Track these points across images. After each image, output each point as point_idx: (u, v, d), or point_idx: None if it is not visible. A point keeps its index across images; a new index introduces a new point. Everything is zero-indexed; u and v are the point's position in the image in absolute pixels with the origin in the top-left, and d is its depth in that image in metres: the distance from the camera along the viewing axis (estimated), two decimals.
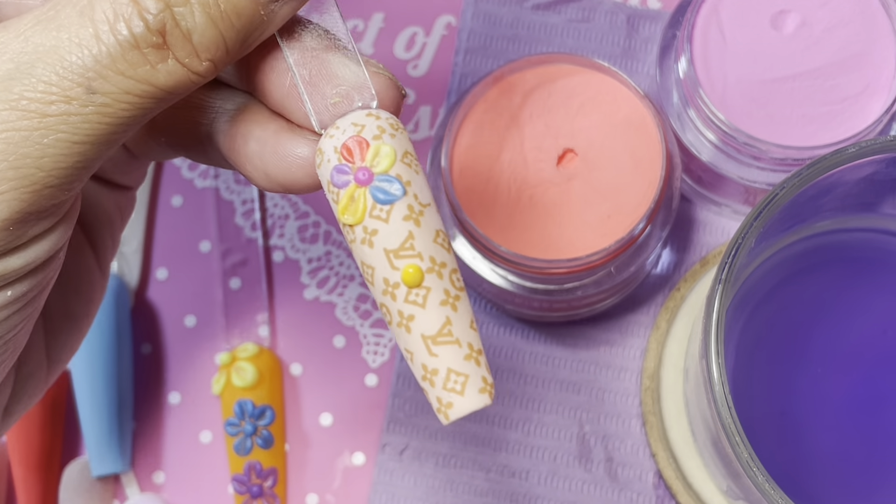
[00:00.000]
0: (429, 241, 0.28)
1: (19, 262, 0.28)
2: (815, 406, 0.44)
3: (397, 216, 0.28)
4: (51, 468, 0.51)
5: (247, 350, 0.51)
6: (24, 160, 0.27)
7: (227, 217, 0.53)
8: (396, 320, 0.28)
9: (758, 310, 0.45)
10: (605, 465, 0.51)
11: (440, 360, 0.28)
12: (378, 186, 0.28)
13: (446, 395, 0.28)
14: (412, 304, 0.28)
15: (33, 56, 0.27)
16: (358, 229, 0.28)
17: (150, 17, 0.26)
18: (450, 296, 0.28)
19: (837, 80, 0.46)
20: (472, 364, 0.28)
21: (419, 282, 0.28)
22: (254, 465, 0.50)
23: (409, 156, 0.29)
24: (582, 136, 0.44)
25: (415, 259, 0.28)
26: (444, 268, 0.28)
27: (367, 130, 0.28)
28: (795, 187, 0.39)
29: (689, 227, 0.52)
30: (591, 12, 0.54)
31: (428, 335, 0.28)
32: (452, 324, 0.28)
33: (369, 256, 0.28)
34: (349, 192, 0.28)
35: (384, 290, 0.28)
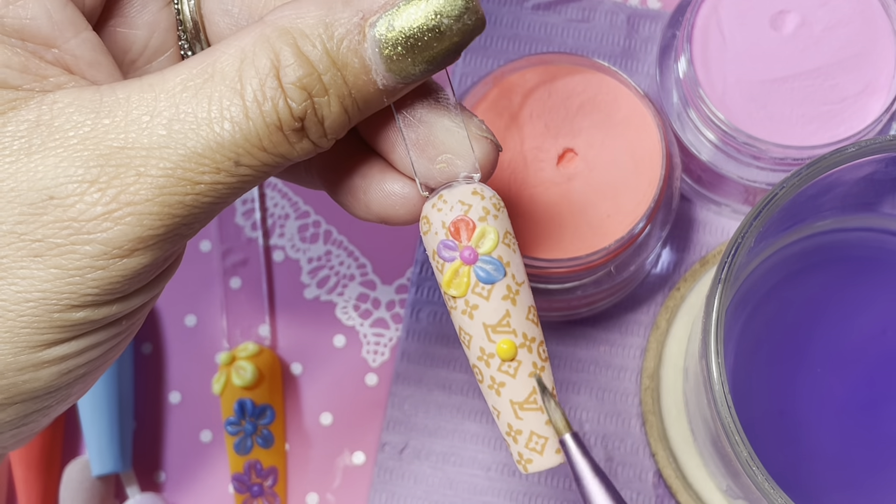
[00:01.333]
0: (522, 318, 0.32)
1: (140, 301, 0.31)
2: (814, 405, 0.44)
3: (497, 295, 0.31)
4: (51, 467, 0.51)
5: (247, 349, 0.51)
6: (174, 220, 0.29)
7: (228, 217, 0.53)
8: (488, 383, 0.32)
9: (757, 309, 0.45)
10: (604, 464, 0.51)
11: (525, 423, 0.32)
12: (482, 267, 0.31)
13: (527, 453, 0.32)
14: (504, 374, 0.32)
15: (186, 126, 0.29)
16: (460, 301, 0.32)
17: (294, 105, 0.29)
18: (537, 367, 0.32)
19: (837, 80, 0.46)
20: (551, 429, 0.32)
21: (513, 356, 0.32)
22: (254, 465, 0.50)
23: (509, 236, 0.32)
24: (582, 136, 0.44)
25: (510, 335, 0.31)
26: (533, 342, 0.32)
27: (474, 211, 0.31)
28: (795, 187, 0.39)
29: (688, 227, 0.52)
30: (591, 12, 0.54)
31: (516, 401, 0.32)
32: (538, 393, 0.32)
33: (468, 326, 0.32)
34: (454, 268, 0.31)
35: (479, 357, 0.32)
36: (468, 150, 0.32)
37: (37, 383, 0.30)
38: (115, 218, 0.28)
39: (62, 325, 0.29)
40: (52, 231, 0.28)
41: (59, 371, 0.30)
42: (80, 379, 0.31)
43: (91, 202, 0.28)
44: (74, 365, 0.30)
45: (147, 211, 0.29)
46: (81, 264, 0.29)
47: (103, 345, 0.31)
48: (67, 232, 0.28)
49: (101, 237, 0.28)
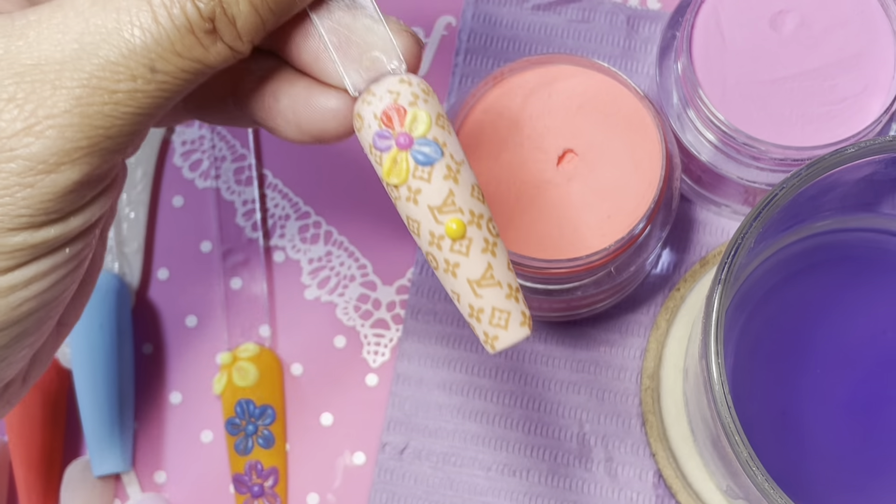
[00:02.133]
0: (467, 195, 0.32)
1: (78, 223, 0.31)
2: (814, 405, 0.45)
3: (438, 176, 0.31)
4: (52, 468, 0.51)
5: (248, 350, 0.51)
6: (97, 131, 0.29)
7: (228, 217, 0.54)
8: (443, 267, 0.32)
9: (757, 310, 0.45)
10: (604, 464, 0.51)
11: (485, 300, 0.32)
12: (418, 150, 0.31)
13: (492, 330, 0.32)
14: (457, 254, 0.31)
15: (97, 37, 0.29)
16: (402, 189, 0.31)
17: (201, 5, 0.29)
18: (489, 243, 0.32)
19: (836, 81, 0.46)
20: (513, 301, 0.32)
21: (462, 234, 0.31)
22: (255, 465, 0.50)
23: (442, 118, 0.32)
24: (582, 137, 0.44)
25: (456, 214, 0.31)
26: (481, 219, 0.32)
27: (403, 97, 0.31)
28: (795, 187, 0.39)
29: (688, 228, 0.52)
30: (591, 13, 0.54)
31: (473, 279, 0.32)
32: (493, 268, 0.32)
33: (414, 212, 0.32)
34: (392, 156, 0.31)
35: (430, 242, 0.32)
36: (391, 45, 0.32)
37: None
38: (35, 132, 0.29)
39: (1, 251, 0.30)
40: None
41: (8, 304, 0.30)
42: (33, 314, 0.31)
43: (10, 118, 0.29)
44: (22, 297, 0.31)
45: (67, 123, 0.29)
46: (8, 183, 0.29)
47: (50, 274, 0.31)
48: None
49: (25, 152, 0.29)
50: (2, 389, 0.33)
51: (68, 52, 0.29)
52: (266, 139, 0.55)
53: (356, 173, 0.54)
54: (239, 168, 0.54)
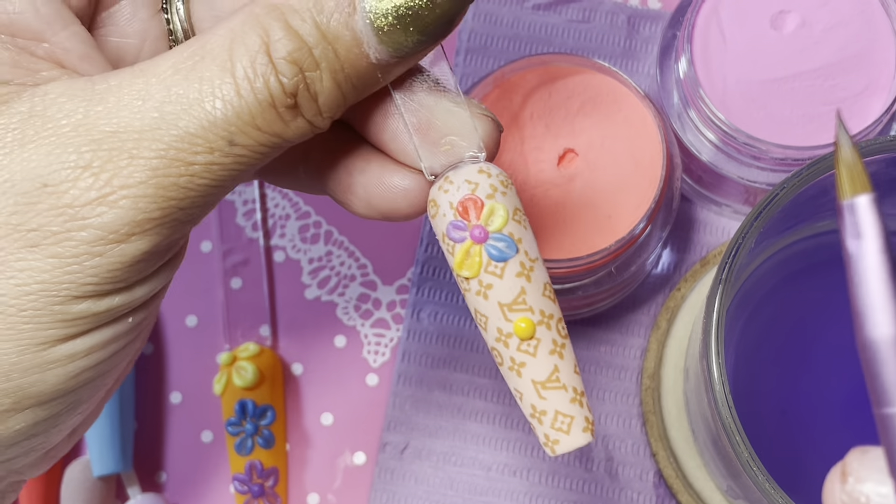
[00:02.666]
0: (538, 295, 0.31)
1: (144, 292, 0.30)
2: (815, 405, 0.45)
3: (510, 273, 0.31)
4: (52, 468, 0.51)
5: (248, 350, 0.51)
6: (170, 202, 0.29)
7: (229, 217, 0.53)
8: (508, 364, 0.31)
9: (758, 309, 0.45)
10: (605, 464, 0.51)
11: (549, 403, 0.31)
12: (493, 245, 0.31)
13: (553, 434, 0.31)
14: (524, 353, 0.31)
15: (177, 107, 0.28)
16: (473, 282, 0.31)
17: (285, 80, 0.28)
18: (557, 345, 0.31)
19: (837, 80, 0.46)
20: (577, 406, 0.31)
21: (531, 335, 0.31)
22: (255, 465, 0.50)
23: (519, 212, 0.31)
24: (582, 137, 0.44)
25: (527, 313, 0.31)
26: (551, 319, 0.31)
27: (481, 189, 0.31)
28: (795, 187, 0.39)
29: (689, 227, 0.52)
30: (592, 13, 0.54)
31: (538, 380, 0.31)
32: (560, 371, 0.31)
33: (483, 307, 0.31)
34: (465, 248, 0.31)
35: (497, 338, 0.31)
36: (472, 130, 0.31)
37: (43, 385, 0.29)
38: (109, 202, 0.28)
39: (65, 318, 0.29)
40: (47, 219, 0.28)
41: (67, 373, 0.29)
42: (90, 383, 0.31)
43: (85, 187, 0.28)
44: (82, 367, 0.30)
45: (142, 194, 0.28)
46: (78, 251, 0.28)
47: (111, 344, 0.30)
48: (63, 219, 0.28)
49: (97, 222, 0.28)
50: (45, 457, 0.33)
51: (148, 120, 0.28)
52: None
53: None
54: None
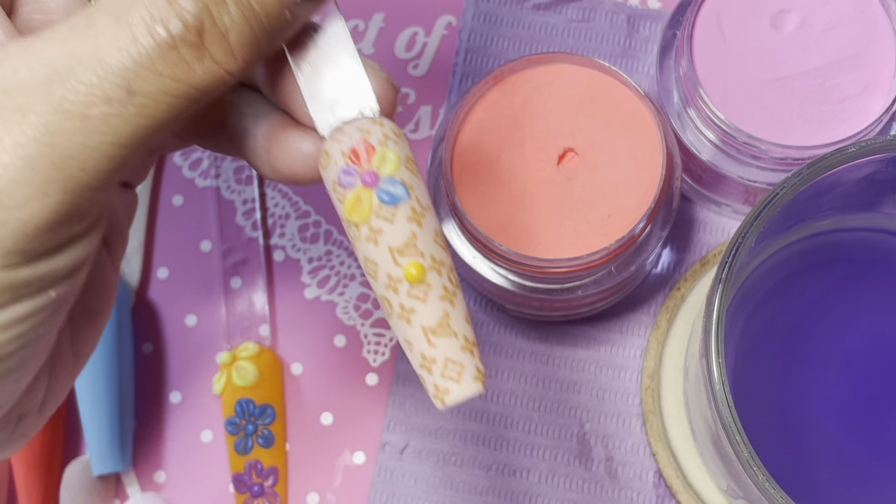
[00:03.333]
0: (430, 240, 0.30)
1: (61, 263, 0.29)
2: (815, 405, 0.45)
3: (402, 217, 0.30)
4: (52, 467, 0.51)
5: (247, 349, 0.51)
6: (69, 162, 0.27)
7: (228, 216, 0.54)
8: (398, 312, 0.30)
9: (758, 309, 0.45)
10: (605, 464, 0.51)
11: (438, 351, 0.30)
12: (384, 189, 0.30)
13: (443, 382, 0.30)
14: (414, 299, 0.30)
15: (71, 60, 0.27)
16: (363, 228, 0.30)
17: (188, 16, 0.27)
18: (448, 292, 0.30)
19: (837, 80, 0.46)
20: (468, 355, 0.30)
21: (422, 279, 0.30)
22: (254, 465, 0.50)
23: (411, 161, 0.31)
24: (582, 136, 0.44)
25: (417, 258, 0.30)
26: (442, 266, 0.31)
27: (373, 136, 0.30)
28: (795, 187, 0.39)
29: (689, 227, 0.53)
30: (592, 12, 0.54)
31: (427, 327, 0.30)
32: (450, 318, 0.30)
33: (373, 253, 0.30)
34: (355, 194, 0.30)
35: (387, 286, 0.30)
36: (366, 88, 0.31)
37: None
38: (2, 164, 0.27)
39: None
40: None
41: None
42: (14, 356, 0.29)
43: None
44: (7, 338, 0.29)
45: (36, 153, 0.27)
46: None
47: (36, 315, 0.29)
48: None
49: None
50: (15, 422, 0.32)
51: (40, 75, 0.27)
52: None
53: None
54: (239, 167, 0.54)
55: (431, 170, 0.46)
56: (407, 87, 0.54)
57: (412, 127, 0.54)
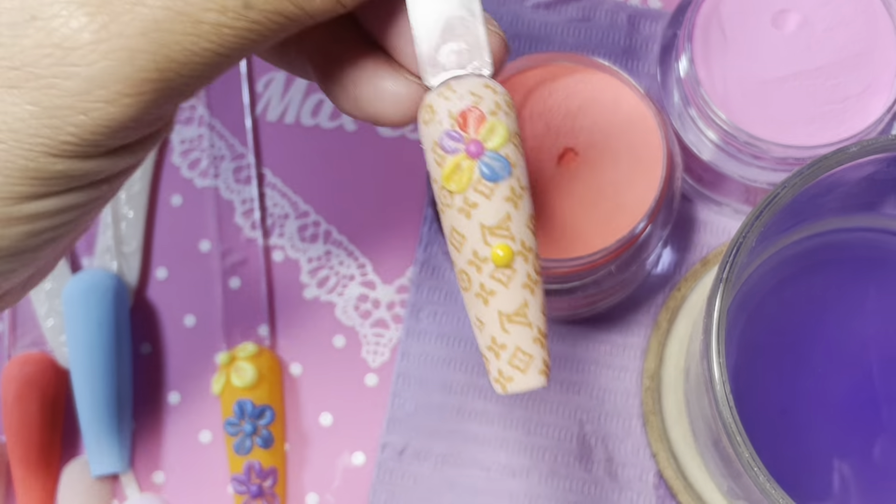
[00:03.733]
0: (523, 224, 0.29)
1: (124, 163, 0.28)
2: (816, 405, 0.44)
3: (500, 195, 0.29)
4: (50, 468, 0.51)
5: (246, 350, 0.51)
6: (171, 64, 0.26)
7: (227, 216, 0.53)
8: (476, 291, 0.30)
9: (759, 309, 0.45)
10: (605, 464, 0.51)
11: (510, 338, 0.29)
12: (487, 163, 0.29)
13: (508, 370, 0.29)
14: (496, 282, 0.29)
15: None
16: (458, 198, 0.29)
17: None
18: (531, 280, 0.30)
19: (839, 80, 0.46)
20: (538, 347, 0.30)
21: (508, 263, 0.29)
22: (253, 465, 0.50)
23: (518, 138, 0.30)
24: (582, 136, 0.44)
25: (508, 240, 0.29)
26: (530, 252, 0.30)
27: (485, 103, 0.29)
28: (796, 187, 0.39)
29: (689, 227, 0.52)
30: (592, 11, 0.54)
31: (504, 312, 0.29)
32: (528, 307, 0.30)
33: (463, 226, 0.29)
34: (456, 161, 0.29)
35: (470, 261, 0.29)
36: (483, 43, 0.29)
37: (3, 241, 0.27)
38: (103, 50, 0.25)
39: (37, 176, 0.27)
40: (32, 58, 0.25)
41: (29, 231, 0.28)
42: (49, 244, 0.28)
43: (77, 27, 0.25)
44: (46, 226, 0.28)
45: (140, 48, 0.25)
46: (61, 103, 0.26)
47: (79, 209, 0.28)
48: (49, 61, 0.26)
49: (86, 72, 0.25)
50: None
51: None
52: (265, 138, 0.54)
53: (356, 172, 0.54)
54: (238, 167, 0.54)
55: None
56: None
57: (411, 127, 0.54)
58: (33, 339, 0.52)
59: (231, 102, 0.54)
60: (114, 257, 0.53)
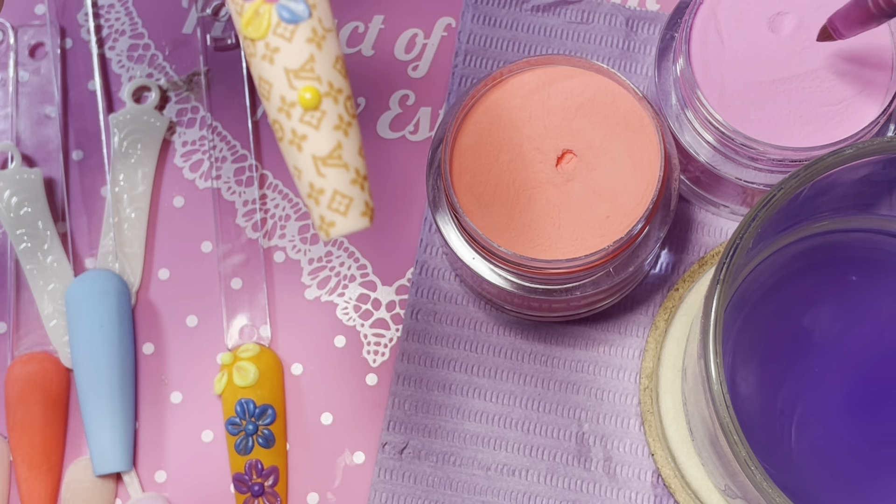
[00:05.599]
0: (329, 65, 0.29)
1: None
2: (812, 405, 0.45)
3: (301, 37, 0.29)
4: (53, 467, 0.51)
5: (248, 350, 0.51)
6: None
7: (229, 218, 0.54)
8: (289, 138, 0.30)
9: (755, 310, 0.45)
10: (603, 463, 0.51)
11: (327, 181, 0.29)
12: (284, 5, 0.29)
13: (329, 214, 0.29)
14: (306, 125, 0.29)
15: None
16: (260, 44, 0.29)
17: None
18: (343, 121, 0.30)
19: (834, 82, 0.46)
20: (357, 188, 0.30)
21: (316, 105, 0.29)
22: (255, 464, 0.50)
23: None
24: (580, 138, 0.45)
25: (314, 82, 0.29)
26: (340, 94, 0.29)
27: None
28: (793, 188, 0.39)
29: (687, 228, 0.53)
30: (590, 14, 0.54)
31: (318, 156, 0.29)
32: (343, 148, 0.29)
33: (268, 73, 0.29)
34: (254, 7, 0.29)
35: (279, 108, 0.29)
36: None
37: None
38: None
39: None
40: None
41: None
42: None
43: None
44: None
45: None
46: None
47: None
48: None
49: None
50: None
51: None
52: (267, 140, 0.55)
53: None
54: (239, 168, 0.54)
55: (430, 171, 0.46)
56: (407, 89, 0.54)
57: (412, 128, 0.54)
58: (36, 340, 0.52)
59: (232, 105, 0.55)
60: (116, 258, 0.53)
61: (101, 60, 0.55)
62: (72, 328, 0.51)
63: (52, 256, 0.53)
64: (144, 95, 0.55)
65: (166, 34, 0.56)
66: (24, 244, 0.52)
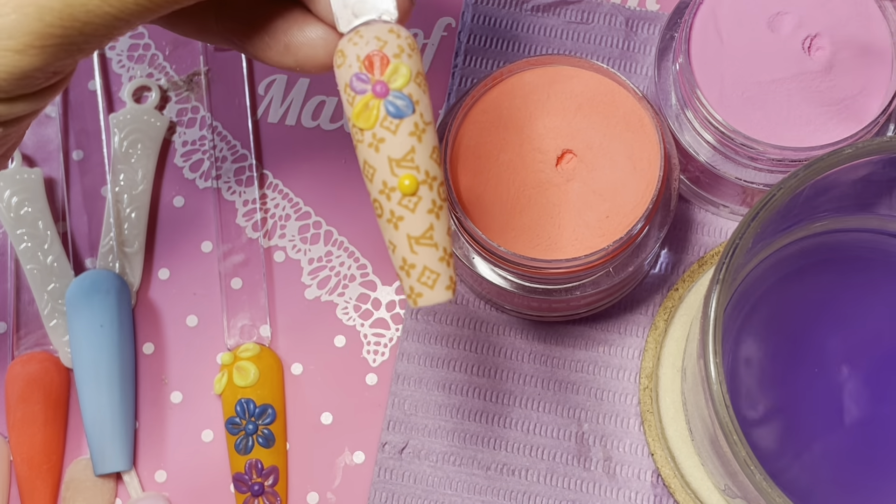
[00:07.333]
0: (426, 156, 0.33)
1: (23, 109, 0.31)
2: (812, 405, 0.45)
3: (404, 130, 0.32)
4: (53, 466, 0.51)
5: (248, 350, 0.51)
6: (74, 23, 0.29)
7: (229, 217, 0.54)
8: (387, 217, 0.33)
9: (755, 310, 0.45)
10: (603, 463, 0.51)
11: (419, 258, 0.33)
12: (392, 102, 0.32)
13: (419, 287, 0.33)
14: (404, 208, 0.33)
15: None
16: (367, 134, 0.32)
17: None
18: (435, 205, 0.33)
19: (834, 82, 0.46)
20: (444, 265, 0.33)
21: (414, 191, 0.32)
22: (255, 464, 0.50)
23: (421, 76, 0.33)
24: (580, 137, 0.45)
25: (413, 171, 0.32)
26: (434, 181, 0.33)
27: (389, 47, 0.32)
28: (792, 188, 0.39)
29: (686, 228, 0.53)
30: (590, 14, 0.54)
31: (413, 235, 0.33)
32: (434, 230, 0.33)
33: (373, 159, 0.32)
34: (364, 101, 0.32)
35: (381, 191, 0.33)
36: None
37: None
38: (14, 4, 0.28)
39: None
40: None
41: None
42: None
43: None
44: None
45: (48, 4, 0.28)
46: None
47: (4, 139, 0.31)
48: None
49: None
50: None
51: None
52: (267, 140, 0.55)
53: (356, 173, 0.54)
54: (239, 168, 0.54)
55: None
56: None
57: None
58: (37, 339, 0.53)
59: (233, 104, 0.55)
60: (116, 258, 0.53)
61: (101, 60, 0.55)
62: (72, 328, 0.51)
63: (52, 256, 0.53)
64: (145, 95, 0.55)
65: (166, 34, 0.56)
66: (25, 244, 0.52)
